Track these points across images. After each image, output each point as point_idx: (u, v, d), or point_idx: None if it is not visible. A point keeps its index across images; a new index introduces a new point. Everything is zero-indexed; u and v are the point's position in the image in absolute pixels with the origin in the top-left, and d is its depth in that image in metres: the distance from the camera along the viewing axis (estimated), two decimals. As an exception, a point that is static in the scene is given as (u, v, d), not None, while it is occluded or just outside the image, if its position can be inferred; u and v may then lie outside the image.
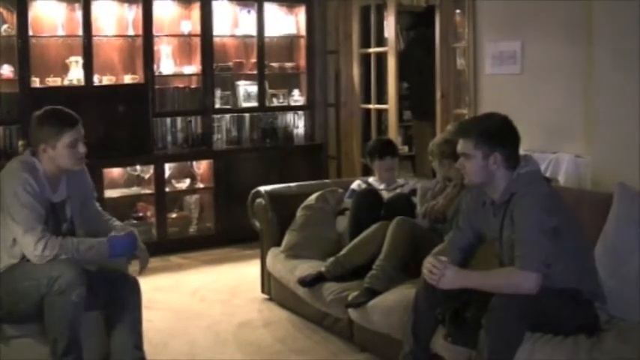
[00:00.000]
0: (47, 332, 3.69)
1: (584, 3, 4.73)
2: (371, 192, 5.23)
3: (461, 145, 3.59)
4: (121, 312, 3.93)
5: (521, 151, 3.64)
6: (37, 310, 3.68)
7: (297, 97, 7.85)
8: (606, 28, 4.55)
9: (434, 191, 4.82)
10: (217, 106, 7.38)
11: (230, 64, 7.50)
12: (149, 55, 6.92)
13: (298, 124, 7.86)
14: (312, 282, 4.83)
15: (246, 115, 7.61)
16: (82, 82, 6.66)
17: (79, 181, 4.06)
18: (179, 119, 7.28)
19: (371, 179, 5.50)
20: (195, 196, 7.32)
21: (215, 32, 7.27)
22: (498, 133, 3.53)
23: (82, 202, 4.07)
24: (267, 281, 5.60)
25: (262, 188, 5.66)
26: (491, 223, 3.62)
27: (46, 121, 3.85)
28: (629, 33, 4.37)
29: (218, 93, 7.39)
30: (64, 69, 6.74)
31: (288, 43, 7.94)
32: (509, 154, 3.51)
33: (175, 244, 7.02)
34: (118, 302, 3.94)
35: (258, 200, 5.64)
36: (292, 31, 7.83)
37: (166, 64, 7.14)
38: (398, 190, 5.27)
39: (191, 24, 7.24)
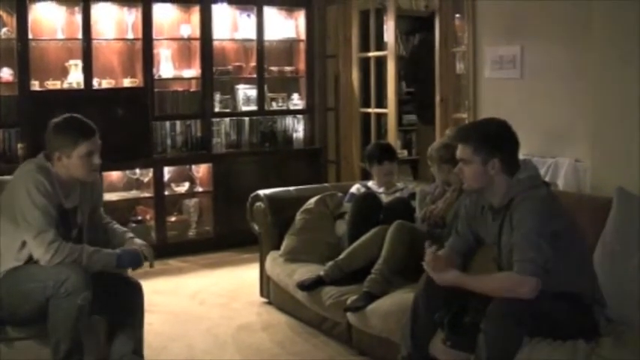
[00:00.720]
0: (50, 334, 3.69)
1: (584, 8, 4.73)
2: (370, 196, 5.24)
3: (460, 151, 3.59)
4: (123, 316, 3.94)
5: (521, 156, 3.64)
6: (41, 312, 3.68)
7: (297, 101, 7.85)
8: (606, 34, 4.55)
9: (433, 195, 4.82)
10: (217, 109, 7.38)
11: (229, 67, 7.51)
12: (149, 59, 6.93)
13: (297, 128, 7.86)
14: (311, 286, 4.83)
15: (246, 118, 7.61)
16: (82, 86, 6.67)
17: (92, 189, 4.07)
18: (178, 123, 7.27)
19: (370, 183, 5.50)
20: (194, 200, 7.33)
21: (215, 36, 7.27)
22: (497, 139, 3.53)
23: (92, 208, 4.08)
24: (266, 285, 5.60)
25: (261, 192, 5.66)
26: (489, 228, 3.62)
27: (64, 129, 3.84)
28: (629, 39, 4.37)
29: (217, 97, 7.40)
30: (64, 72, 6.74)
31: (288, 47, 7.94)
32: (508, 160, 3.52)
33: (174, 248, 7.02)
34: (119, 306, 3.94)
35: (258, 204, 5.64)
36: (292, 35, 7.84)
37: (166, 67, 7.14)
38: (397, 194, 5.28)
39: (191, 28, 7.25)
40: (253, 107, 7.58)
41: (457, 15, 6.36)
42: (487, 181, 3.53)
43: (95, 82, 6.76)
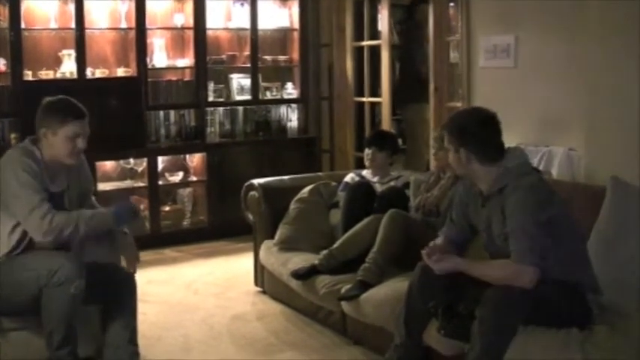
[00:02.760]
0: (44, 324, 3.71)
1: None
2: (364, 185, 5.24)
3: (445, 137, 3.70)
4: (117, 306, 3.94)
5: (514, 144, 3.65)
6: (35, 302, 3.69)
7: (291, 90, 7.84)
8: (601, 23, 4.55)
9: (428, 184, 4.82)
10: (210, 99, 7.36)
11: (223, 57, 7.49)
12: (142, 48, 6.90)
13: (292, 117, 7.85)
14: (305, 275, 4.83)
15: (240, 108, 7.60)
16: (75, 75, 6.64)
17: (79, 174, 4.08)
18: (172, 112, 7.25)
19: (364, 172, 5.50)
20: (188, 189, 7.32)
21: (208, 25, 7.24)
22: (465, 130, 3.57)
23: (80, 194, 4.08)
24: (261, 274, 5.61)
25: (256, 181, 5.66)
26: (479, 214, 3.64)
27: (54, 107, 3.88)
28: (624, 28, 4.37)
29: (211, 86, 7.38)
30: (57, 62, 6.71)
31: (282, 36, 7.92)
32: (479, 151, 3.53)
33: (169, 237, 7.02)
34: (113, 296, 3.94)
35: (252, 193, 5.64)
36: (286, 24, 7.82)
37: (159, 57, 7.12)
38: (391, 184, 5.27)
39: (184, 17, 7.23)
40: (247, 97, 7.56)
41: (451, 4, 6.35)
42: (464, 169, 3.60)
43: (88, 72, 6.73)
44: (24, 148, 3.85)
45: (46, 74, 6.63)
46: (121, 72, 6.95)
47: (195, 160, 7.36)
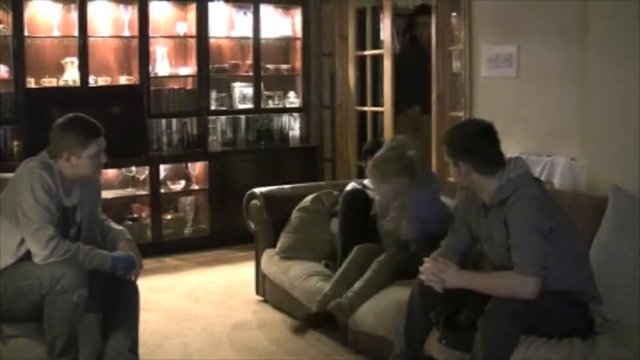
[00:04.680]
0: (46, 332, 3.71)
1: (580, 6, 4.73)
2: (358, 192, 5.21)
3: None
4: (119, 314, 3.95)
5: (516, 153, 3.65)
6: (37, 309, 3.69)
7: (293, 99, 7.85)
8: (602, 33, 4.55)
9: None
10: (213, 107, 7.37)
11: (226, 65, 7.50)
12: (145, 56, 6.91)
13: (294, 126, 7.85)
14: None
15: (242, 116, 7.60)
16: (78, 83, 6.65)
17: (92, 188, 4.10)
18: (174, 120, 7.25)
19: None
20: (190, 198, 7.32)
21: (211, 34, 7.25)
22: (461, 144, 3.59)
23: (90, 207, 4.08)
24: (262, 283, 5.60)
25: (257, 190, 5.66)
26: (481, 224, 3.64)
27: (72, 130, 3.85)
28: (625, 38, 4.37)
29: (213, 94, 7.38)
30: (60, 70, 6.73)
31: (284, 45, 7.93)
32: (477, 163, 3.54)
33: (170, 246, 7.01)
34: (115, 305, 3.95)
35: (254, 202, 5.64)
36: (288, 33, 7.83)
37: (162, 65, 7.13)
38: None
39: (187, 25, 7.24)
40: (249, 105, 7.57)
41: (453, 13, 6.36)
42: (465, 181, 3.61)
43: (91, 80, 6.74)
44: (42, 162, 3.83)
45: (49, 82, 6.63)
46: (123, 80, 6.96)
47: (197, 168, 7.36)
